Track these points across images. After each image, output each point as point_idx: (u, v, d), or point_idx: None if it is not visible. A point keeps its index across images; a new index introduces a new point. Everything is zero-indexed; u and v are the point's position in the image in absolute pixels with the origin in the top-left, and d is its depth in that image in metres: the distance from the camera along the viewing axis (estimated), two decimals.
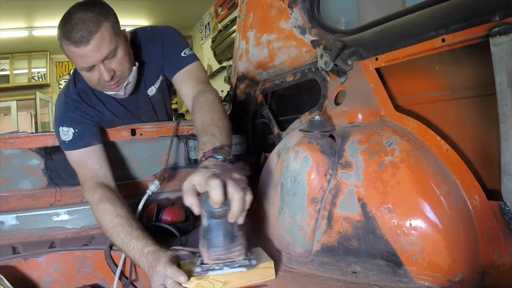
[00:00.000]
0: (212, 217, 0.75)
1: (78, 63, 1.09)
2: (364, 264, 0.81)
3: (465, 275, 0.71)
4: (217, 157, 0.85)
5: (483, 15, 0.67)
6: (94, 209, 1.08)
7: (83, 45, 1.03)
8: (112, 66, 1.11)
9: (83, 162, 1.19)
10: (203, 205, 0.75)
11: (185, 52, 1.27)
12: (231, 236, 0.76)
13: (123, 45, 1.13)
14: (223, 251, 0.77)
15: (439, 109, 0.91)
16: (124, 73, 1.17)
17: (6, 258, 1.08)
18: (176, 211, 1.27)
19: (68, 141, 1.20)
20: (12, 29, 6.62)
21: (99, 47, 1.05)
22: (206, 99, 1.11)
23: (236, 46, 1.40)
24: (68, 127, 1.20)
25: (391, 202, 0.78)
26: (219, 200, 0.71)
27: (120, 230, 0.98)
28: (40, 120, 7.98)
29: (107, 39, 1.06)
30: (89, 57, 1.05)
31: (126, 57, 1.14)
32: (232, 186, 0.73)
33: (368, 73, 0.97)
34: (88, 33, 1.02)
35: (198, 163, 0.89)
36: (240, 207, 0.73)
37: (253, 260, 0.78)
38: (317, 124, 0.95)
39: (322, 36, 1.23)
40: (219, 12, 5.65)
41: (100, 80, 1.13)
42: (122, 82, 1.19)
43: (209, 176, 0.74)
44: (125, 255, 0.99)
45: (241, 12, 1.31)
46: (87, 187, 1.14)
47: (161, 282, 0.79)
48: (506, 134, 0.66)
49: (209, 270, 0.77)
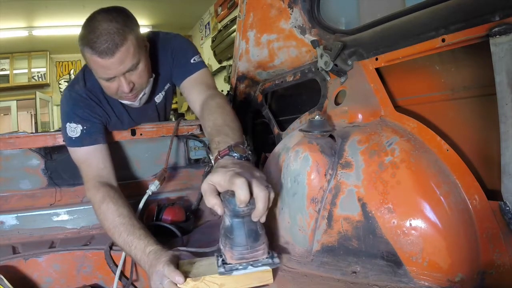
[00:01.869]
0: (236, 216, 0.75)
1: (99, 72, 1.10)
2: (364, 264, 0.80)
3: (465, 275, 0.71)
4: (233, 155, 0.84)
5: (483, 15, 0.67)
6: (97, 208, 1.08)
7: (107, 57, 1.03)
8: (132, 79, 1.13)
9: (88, 160, 1.18)
10: (227, 205, 0.74)
11: (194, 59, 1.28)
12: (255, 234, 0.76)
13: (144, 58, 1.14)
14: (247, 250, 0.75)
15: (439, 109, 0.91)
16: (143, 85, 1.19)
17: (6, 258, 1.08)
18: (177, 211, 1.27)
19: (76, 137, 1.19)
20: (12, 29, 6.62)
21: (123, 60, 1.05)
22: (216, 103, 1.11)
23: (236, 46, 1.40)
24: (76, 123, 1.20)
25: (391, 202, 0.78)
26: (246, 199, 0.71)
27: (122, 230, 0.98)
28: (40, 120, 7.98)
29: (131, 52, 1.06)
30: (112, 69, 1.06)
31: (146, 70, 1.16)
32: (257, 184, 0.73)
33: (368, 73, 0.97)
34: (114, 45, 1.02)
35: (202, 163, 0.89)
36: (265, 205, 0.73)
37: (276, 258, 0.77)
38: (317, 124, 0.95)
39: (322, 36, 1.23)
40: (219, 12, 5.66)
41: (118, 91, 1.15)
42: (139, 93, 1.20)
43: (233, 175, 0.73)
44: (127, 254, 0.99)
45: (241, 12, 1.31)
46: (90, 186, 1.14)
47: (159, 281, 0.79)
48: (506, 134, 0.66)
49: (233, 270, 0.75)
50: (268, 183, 0.77)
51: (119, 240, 0.98)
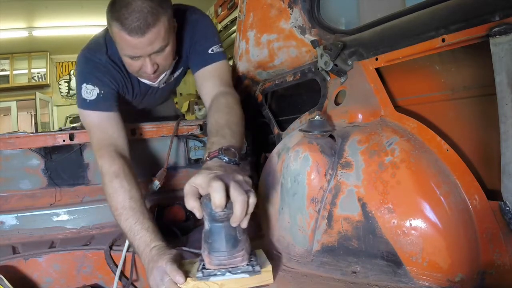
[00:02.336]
0: (214, 221, 0.73)
1: (125, 49, 1.05)
2: (364, 264, 0.80)
3: (465, 275, 0.71)
4: (222, 158, 0.82)
5: (483, 15, 0.67)
6: (107, 180, 1.02)
7: (137, 36, 0.98)
8: (157, 60, 1.09)
9: (102, 127, 1.14)
10: (205, 208, 0.72)
11: (213, 49, 1.23)
12: (233, 240, 0.73)
13: (172, 41, 1.10)
14: (225, 256, 0.74)
15: (439, 109, 0.91)
16: (166, 67, 1.16)
17: (6, 258, 1.08)
18: (177, 211, 1.27)
19: (90, 100, 1.14)
20: (12, 29, 6.63)
21: (152, 42, 1.01)
22: (226, 101, 1.09)
23: (236, 46, 1.40)
24: (93, 86, 1.14)
25: (391, 202, 0.78)
26: (221, 203, 0.69)
27: (130, 215, 0.94)
28: (40, 121, 7.99)
29: (162, 35, 1.02)
30: (139, 48, 1.02)
31: (171, 52, 1.12)
32: (235, 188, 0.71)
33: (368, 73, 0.97)
34: (146, 25, 0.97)
35: (201, 163, 0.88)
36: (243, 210, 0.70)
37: (257, 266, 0.75)
38: (317, 124, 0.95)
39: (322, 36, 1.23)
40: (219, 12, 5.65)
41: (141, 70, 1.11)
42: (161, 74, 1.17)
43: (211, 178, 0.72)
44: (128, 240, 0.97)
45: (241, 12, 1.31)
46: (104, 153, 1.08)
47: (160, 278, 0.78)
48: (506, 134, 0.66)
49: (211, 275, 0.74)
50: (251, 188, 0.74)
51: (123, 223, 0.95)
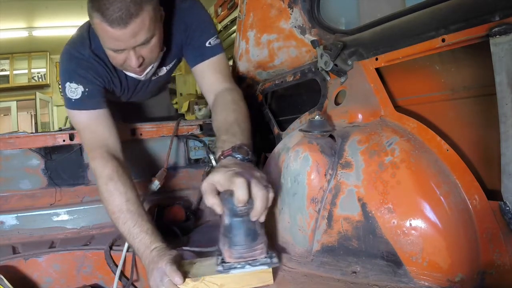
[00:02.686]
0: (235, 216, 0.76)
1: (107, 42, 0.99)
2: (364, 264, 0.80)
3: (465, 275, 0.71)
4: (236, 156, 0.84)
5: (483, 15, 0.67)
6: (102, 183, 1.01)
7: (119, 27, 0.92)
8: (142, 53, 1.03)
9: (91, 126, 1.10)
10: (226, 204, 0.75)
11: (210, 42, 1.18)
12: (253, 234, 0.76)
13: (159, 31, 1.03)
14: (245, 249, 0.76)
15: (439, 109, 0.91)
16: (153, 60, 1.10)
17: (6, 258, 1.08)
18: (177, 211, 1.27)
19: (76, 99, 1.10)
20: (12, 29, 6.63)
21: (136, 33, 0.95)
22: (232, 98, 1.08)
23: (236, 46, 1.40)
24: (77, 84, 1.10)
25: (391, 202, 0.78)
26: (245, 198, 0.71)
27: (128, 217, 0.94)
28: (40, 120, 7.99)
29: (147, 25, 0.95)
30: (122, 41, 0.96)
31: (158, 44, 1.05)
32: (256, 184, 0.74)
33: (368, 73, 0.97)
34: (128, 15, 0.90)
35: (216, 161, 0.88)
36: (263, 205, 0.74)
37: (275, 258, 0.78)
38: (317, 124, 0.95)
39: (322, 36, 1.23)
40: (219, 13, 5.64)
41: (125, 63, 1.05)
42: (147, 67, 1.11)
43: (232, 174, 0.74)
44: (127, 242, 0.97)
45: (241, 12, 1.31)
46: (96, 155, 1.05)
47: (159, 278, 0.79)
48: (506, 134, 0.66)
49: (231, 268, 0.76)
50: (268, 183, 0.77)
51: (122, 227, 0.94)
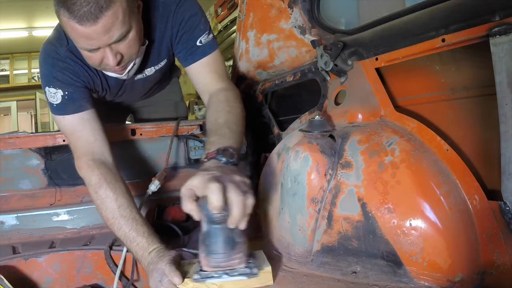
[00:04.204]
0: (211, 223, 0.72)
1: (79, 42, 0.90)
2: (364, 264, 0.81)
3: (465, 275, 0.71)
4: (220, 159, 0.81)
5: (483, 15, 0.67)
6: (93, 191, 0.99)
7: (88, 24, 0.82)
8: (120, 49, 0.93)
9: (76, 131, 1.05)
10: (202, 210, 0.72)
11: (201, 40, 1.10)
12: (231, 242, 0.73)
13: (136, 24, 0.93)
14: (222, 259, 0.73)
15: (439, 109, 0.91)
16: (132, 56, 1.00)
17: (6, 258, 1.08)
18: (177, 211, 1.27)
19: (57, 104, 1.05)
20: (12, 29, 6.64)
21: (108, 29, 0.85)
22: (226, 99, 1.04)
23: (236, 46, 1.40)
24: (55, 88, 1.04)
25: (391, 202, 0.78)
26: (218, 204, 0.67)
27: (123, 223, 0.93)
28: (40, 120, 7.98)
29: (120, 19, 0.85)
30: (95, 39, 0.86)
31: (137, 38, 0.95)
32: (233, 189, 0.69)
33: (368, 73, 0.97)
34: (98, 8, 0.81)
35: (200, 164, 0.86)
36: (240, 212, 0.69)
37: (254, 268, 0.75)
38: (317, 124, 0.95)
39: (322, 36, 1.23)
40: (219, 13, 5.64)
41: (103, 63, 0.96)
42: (128, 65, 1.02)
43: (208, 179, 0.70)
44: (126, 247, 0.97)
45: (241, 12, 1.31)
46: (82, 164, 1.02)
47: (159, 279, 0.79)
48: (506, 134, 0.66)
49: (208, 277, 0.74)
50: (249, 189, 0.73)
51: (118, 233, 0.94)
